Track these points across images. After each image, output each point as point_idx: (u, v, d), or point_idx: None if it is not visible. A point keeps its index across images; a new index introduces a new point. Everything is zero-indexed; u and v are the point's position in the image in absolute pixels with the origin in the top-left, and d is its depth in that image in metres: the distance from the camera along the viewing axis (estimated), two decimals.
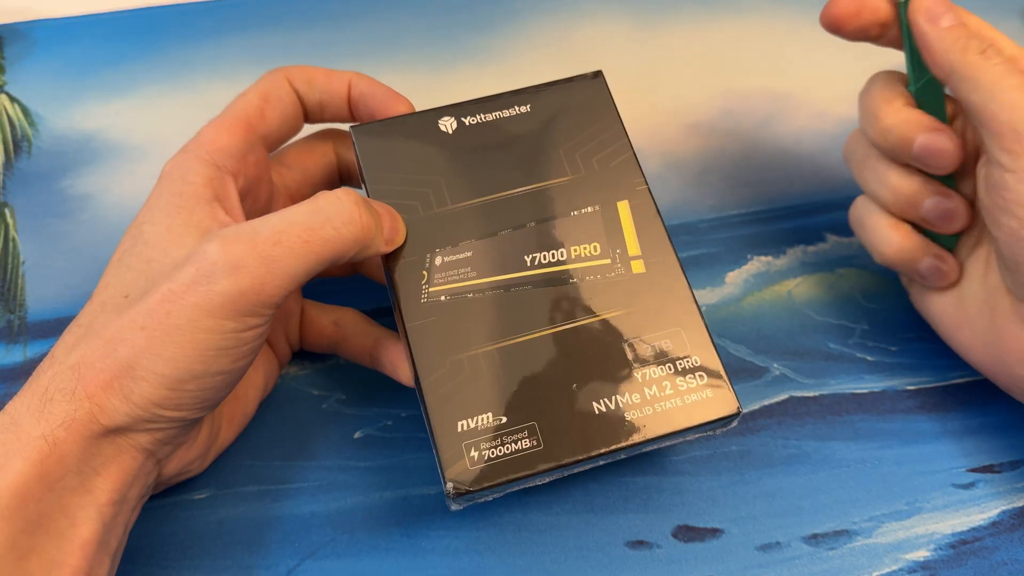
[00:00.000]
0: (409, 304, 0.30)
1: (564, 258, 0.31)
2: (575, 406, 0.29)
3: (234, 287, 0.25)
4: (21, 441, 0.25)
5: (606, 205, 0.32)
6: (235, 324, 0.26)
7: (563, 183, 0.32)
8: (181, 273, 0.26)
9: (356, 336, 0.34)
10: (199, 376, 0.26)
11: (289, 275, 0.26)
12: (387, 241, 0.30)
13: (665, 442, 0.29)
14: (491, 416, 0.29)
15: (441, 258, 0.31)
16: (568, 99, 0.34)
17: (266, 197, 0.33)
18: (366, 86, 0.33)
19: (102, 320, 0.27)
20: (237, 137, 0.31)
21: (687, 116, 0.45)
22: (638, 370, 0.29)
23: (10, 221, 0.40)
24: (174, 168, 0.30)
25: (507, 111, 0.33)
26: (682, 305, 0.31)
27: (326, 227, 0.27)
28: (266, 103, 0.32)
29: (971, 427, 0.37)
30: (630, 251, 0.31)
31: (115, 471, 0.26)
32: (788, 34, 0.48)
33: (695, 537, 0.33)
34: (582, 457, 0.28)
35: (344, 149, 0.36)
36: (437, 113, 0.33)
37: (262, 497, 0.33)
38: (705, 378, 0.30)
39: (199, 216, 0.28)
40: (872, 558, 0.33)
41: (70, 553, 0.25)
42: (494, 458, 0.28)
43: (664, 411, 0.29)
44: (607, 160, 0.33)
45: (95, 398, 0.25)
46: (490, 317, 0.30)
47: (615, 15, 0.48)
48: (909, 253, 0.34)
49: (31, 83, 0.44)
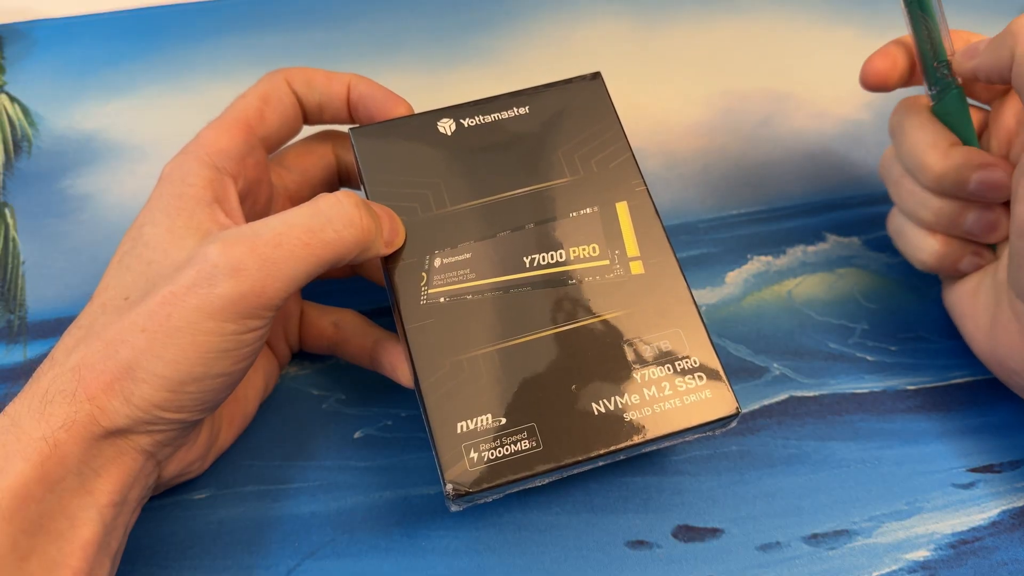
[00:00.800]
0: (408, 306, 0.30)
1: (563, 259, 0.31)
2: (574, 407, 0.29)
3: (235, 290, 0.25)
4: (22, 443, 0.25)
5: (605, 206, 0.32)
6: (236, 326, 0.26)
7: (562, 184, 0.32)
8: (182, 275, 0.26)
9: (355, 337, 0.34)
10: (200, 378, 0.26)
11: (290, 277, 0.26)
12: (387, 243, 0.30)
13: (664, 443, 0.29)
14: (491, 417, 0.29)
15: (440, 260, 0.31)
16: (567, 100, 0.34)
17: (265, 199, 0.33)
18: (365, 88, 0.33)
19: (102, 322, 0.27)
20: (237, 139, 0.31)
21: (687, 116, 0.45)
22: (637, 371, 0.30)
23: (10, 221, 0.40)
24: (174, 170, 0.30)
25: (506, 112, 0.33)
26: (681, 306, 0.31)
27: (327, 229, 0.27)
28: (266, 105, 0.32)
29: (971, 427, 0.37)
30: (629, 252, 0.31)
31: (115, 472, 0.26)
32: (788, 34, 0.48)
33: (695, 537, 0.33)
34: (581, 458, 0.28)
35: (343, 150, 0.36)
36: (436, 115, 0.33)
37: (262, 497, 0.33)
38: (704, 379, 0.30)
39: (199, 218, 0.28)
40: (872, 558, 0.33)
41: (70, 554, 0.25)
42: (494, 459, 0.28)
43: (663, 412, 0.29)
44: (606, 161, 0.33)
45: (96, 400, 0.25)
46: (489, 318, 0.30)
47: (615, 15, 0.48)
48: (950, 258, 0.35)
49: (31, 83, 0.44)
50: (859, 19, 0.49)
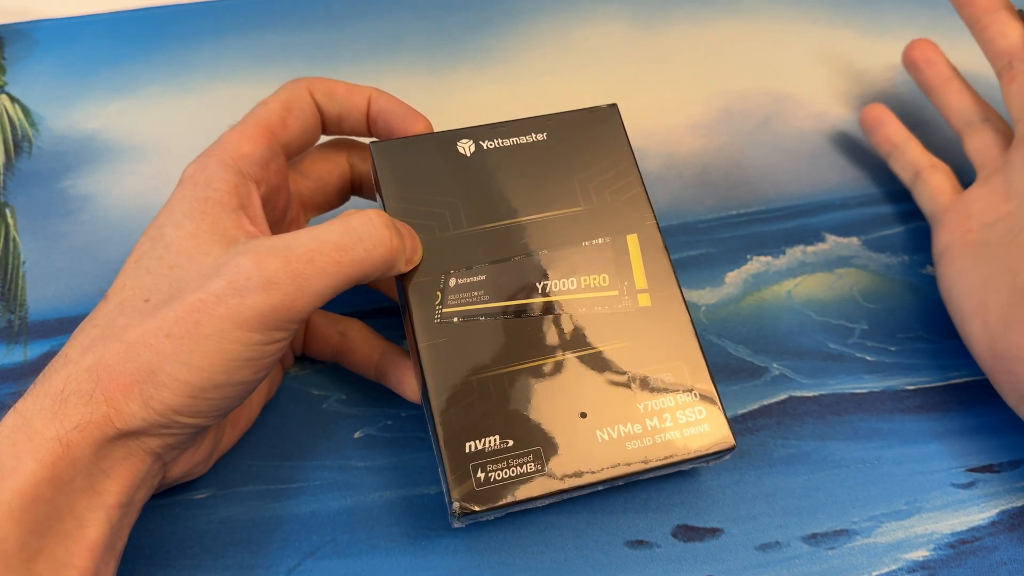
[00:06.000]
0: (423, 324, 0.30)
1: (574, 287, 0.31)
2: (578, 433, 0.29)
3: (265, 302, 0.26)
4: (34, 442, 0.24)
5: (616, 237, 0.32)
6: (262, 337, 0.26)
7: (575, 213, 0.33)
8: (212, 284, 0.26)
9: (362, 348, 0.34)
10: (221, 385, 0.26)
11: (319, 293, 0.27)
12: (407, 261, 0.30)
13: (662, 472, 0.30)
14: (498, 439, 0.29)
15: (455, 280, 0.31)
16: (583, 130, 0.34)
17: (283, 205, 0.34)
18: (385, 102, 0.33)
19: (121, 323, 0.27)
20: (261, 144, 0.31)
21: (687, 116, 0.45)
22: (640, 401, 0.30)
23: (11, 221, 0.40)
24: (197, 172, 0.30)
25: (525, 137, 0.34)
26: (684, 340, 0.31)
27: (357, 248, 0.27)
28: (288, 113, 0.32)
29: (970, 427, 0.37)
30: (637, 284, 0.32)
31: (124, 473, 0.26)
32: (788, 34, 0.48)
33: (695, 537, 0.34)
34: (583, 483, 0.29)
35: (358, 159, 0.36)
36: (456, 135, 0.33)
37: (262, 497, 0.33)
38: (704, 412, 0.30)
39: (224, 224, 0.28)
40: (871, 558, 0.33)
41: (77, 555, 0.25)
42: (499, 480, 0.29)
43: (664, 442, 0.30)
44: (619, 193, 0.33)
45: (113, 402, 0.25)
46: (500, 341, 0.30)
47: (615, 15, 0.48)
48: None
49: (32, 83, 0.44)
50: (859, 19, 0.49)
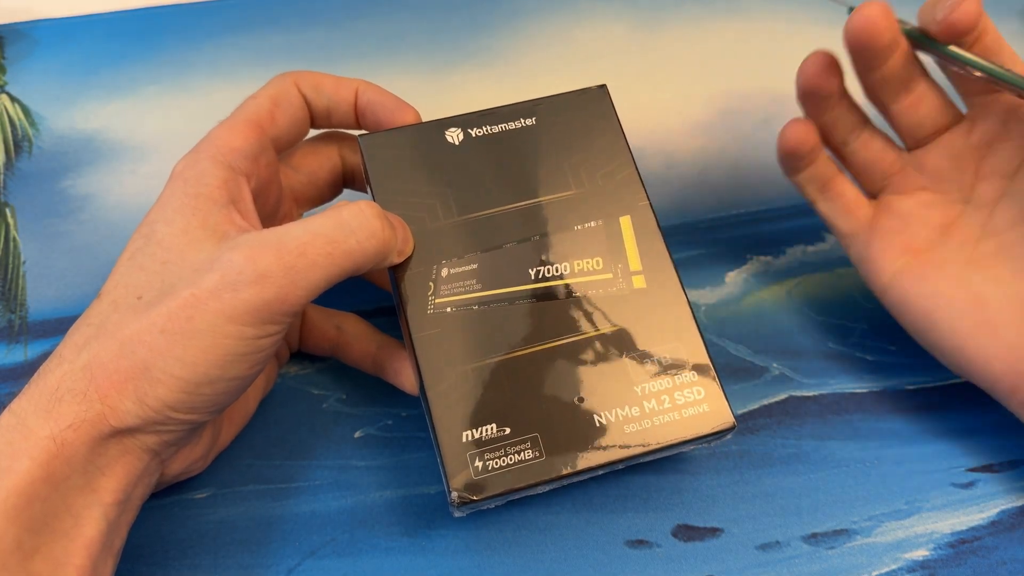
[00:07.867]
0: (416, 315, 0.30)
1: (567, 272, 0.31)
2: (576, 418, 0.29)
3: (258, 296, 0.26)
4: (28, 442, 0.24)
5: (609, 220, 0.32)
6: (255, 331, 0.26)
7: (567, 197, 0.32)
8: (204, 279, 0.26)
9: (358, 342, 0.34)
10: (215, 380, 0.26)
11: (312, 286, 0.27)
12: (399, 253, 0.30)
13: (662, 454, 0.30)
14: (495, 427, 0.29)
15: (447, 270, 0.31)
16: (573, 113, 0.34)
17: (275, 199, 0.33)
18: (374, 94, 0.33)
19: (115, 320, 0.27)
20: (250, 138, 0.31)
21: (687, 116, 0.45)
22: (638, 384, 0.30)
23: (11, 221, 0.40)
24: (187, 168, 0.30)
25: (513, 123, 0.33)
26: (681, 321, 0.31)
27: (349, 240, 0.27)
28: (276, 106, 0.32)
29: (970, 427, 0.37)
30: (631, 266, 0.32)
31: (120, 471, 0.26)
32: (788, 34, 0.48)
33: (695, 536, 0.34)
34: (583, 468, 0.29)
35: (348, 152, 0.36)
36: (444, 124, 0.33)
37: (262, 496, 0.33)
38: (702, 393, 0.30)
39: (216, 219, 0.28)
40: (871, 557, 0.33)
41: (75, 553, 0.25)
42: (497, 468, 0.28)
43: (662, 424, 0.30)
44: (610, 175, 0.33)
45: (108, 400, 0.25)
46: (495, 329, 0.30)
47: (615, 15, 0.48)
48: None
49: (32, 83, 0.44)
50: None
